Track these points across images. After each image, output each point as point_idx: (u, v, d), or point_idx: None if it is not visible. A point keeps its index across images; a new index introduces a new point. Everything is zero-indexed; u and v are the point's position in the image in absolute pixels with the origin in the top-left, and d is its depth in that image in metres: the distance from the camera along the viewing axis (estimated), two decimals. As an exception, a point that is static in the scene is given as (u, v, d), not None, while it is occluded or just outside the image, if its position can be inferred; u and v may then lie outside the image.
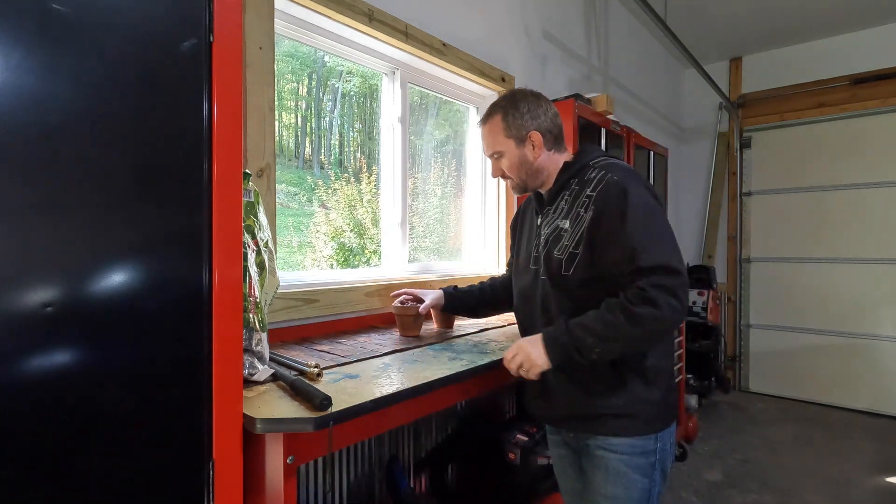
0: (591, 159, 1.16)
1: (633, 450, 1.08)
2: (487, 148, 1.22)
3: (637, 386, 1.08)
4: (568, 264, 1.08)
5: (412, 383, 1.00)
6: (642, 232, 1.00)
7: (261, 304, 1.02)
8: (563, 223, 1.12)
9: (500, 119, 1.18)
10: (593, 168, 1.12)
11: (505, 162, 1.19)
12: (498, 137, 1.18)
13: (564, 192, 1.15)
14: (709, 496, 2.46)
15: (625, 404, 1.08)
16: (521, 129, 1.17)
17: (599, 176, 1.09)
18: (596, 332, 0.99)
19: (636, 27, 3.64)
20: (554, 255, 1.11)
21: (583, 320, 1.02)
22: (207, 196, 0.78)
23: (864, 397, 3.76)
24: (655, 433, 1.10)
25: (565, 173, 1.17)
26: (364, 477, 1.44)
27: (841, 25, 3.73)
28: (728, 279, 4.38)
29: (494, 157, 1.21)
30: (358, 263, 1.98)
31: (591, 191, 1.08)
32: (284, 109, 1.86)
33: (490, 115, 1.20)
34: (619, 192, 1.03)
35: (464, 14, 2.10)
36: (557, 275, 1.10)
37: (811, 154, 4.00)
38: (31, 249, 0.62)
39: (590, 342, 0.99)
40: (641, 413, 1.08)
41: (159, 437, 0.74)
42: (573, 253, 1.08)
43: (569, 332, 1.02)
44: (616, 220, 1.02)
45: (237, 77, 0.81)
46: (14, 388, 0.61)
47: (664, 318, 0.96)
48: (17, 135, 0.61)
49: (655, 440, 1.10)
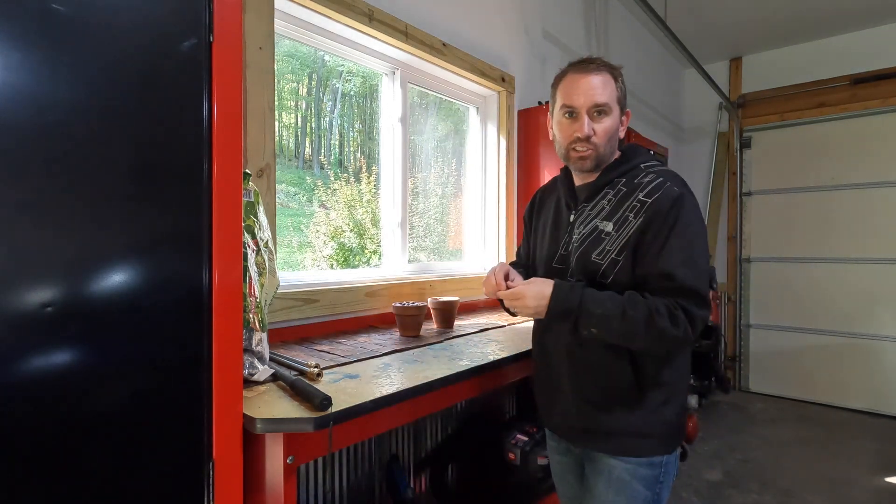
0: (643, 161, 1.08)
1: (640, 461, 1.03)
2: (595, 97, 1.03)
3: (655, 403, 1.02)
4: (608, 271, 1.01)
5: (412, 383, 1.00)
6: (687, 251, 0.95)
7: (261, 304, 1.02)
8: (604, 225, 1.03)
9: (612, 78, 1.06)
10: (647, 172, 1.04)
11: (606, 123, 1.04)
12: (611, 91, 1.05)
13: (608, 191, 1.07)
14: (709, 496, 2.46)
15: (643, 423, 1.02)
16: (625, 98, 1.08)
17: (657, 183, 1.01)
18: (607, 314, 0.93)
19: (636, 27, 3.64)
20: (592, 258, 1.03)
21: (600, 296, 0.95)
22: (207, 196, 0.78)
23: (864, 397, 3.76)
24: (667, 453, 1.05)
25: (612, 170, 1.08)
26: (364, 477, 1.44)
27: (841, 25, 3.73)
28: (728, 279, 4.38)
29: (597, 112, 1.04)
30: (358, 263, 1.98)
31: (644, 195, 1.00)
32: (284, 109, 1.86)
33: (600, 66, 1.06)
34: (676, 203, 0.97)
35: (464, 14, 2.10)
36: (594, 280, 1.02)
37: (811, 154, 4.00)
38: (32, 249, 0.62)
39: (594, 320, 0.94)
40: (658, 433, 1.03)
41: (159, 437, 0.74)
42: (615, 260, 1.00)
43: (581, 300, 0.95)
44: (665, 230, 0.96)
45: (237, 77, 0.81)
46: (14, 388, 0.61)
47: (674, 340, 0.93)
48: (18, 134, 0.61)
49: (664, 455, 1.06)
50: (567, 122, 1.06)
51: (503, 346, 1.39)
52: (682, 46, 2.89)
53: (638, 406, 1.02)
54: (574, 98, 1.04)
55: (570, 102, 1.05)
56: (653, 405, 1.02)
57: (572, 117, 1.05)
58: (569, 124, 1.06)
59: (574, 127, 1.05)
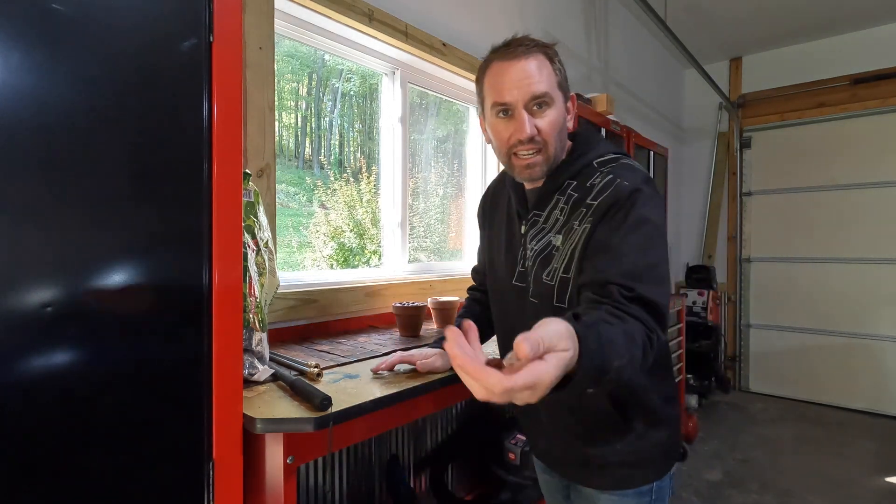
0: (598, 156, 0.90)
1: (628, 492, 0.93)
2: (531, 87, 0.83)
3: (643, 428, 0.91)
4: (561, 293, 0.85)
5: (412, 383, 1.00)
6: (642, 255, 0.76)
7: (261, 304, 1.02)
8: (556, 239, 0.88)
9: (546, 60, 0.86)
10: (598, 172, 0.87)
11: (551, 116, 0.86)
12: (548, 78, 0.85)
13: (559, 197, 0.90)
14: (709, 496, 2.46)
15: (630, 451, 0.90)
16: (567, 81, 0.90)
17: (606, 181, 0.84)
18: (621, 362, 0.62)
19: (636, 27, 3.64)
20: (543, 280, 0.88)
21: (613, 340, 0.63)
22: (207, 196, 0.78)
23: (864, 397, 3.76)
24: (660, 478, 0.94)
25: (562, 172, 0.90)
26: (364, 477, 1.44)
27: (841, 25, 3.73)
28: (728, 279, 4.38)
29: (537, 105, 0.85)
30: (358, 264, 1.98)
31: (591, 199, 0.84)
32: (284, 109, 1.86)
33: (530, 49, 0.86)
34: (629, 198, 0.80)
35: (464, 14, 2.10)
36: (550, 305, 0.86)
37: (811, 154, 4.00)
38: (31, 249, 0.62)
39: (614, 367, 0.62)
40: (648, 459, 0.92)
41: (159, 437, 0.74)
42: (564, 278, 0.85)
43: (605, 357, 0.60)
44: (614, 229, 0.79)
45: (237, 77, 0.81)
46: (14, 388, 0.61)
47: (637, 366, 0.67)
48: (17, 134, 0.61)
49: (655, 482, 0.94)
50: (503, 124, 0.88)
51: (503, 346, 1.39)
52: (682, 46, 2.89)
53: (623, 434, 0.91)
54: (506, 92, 0.85)
55: (502, 98, 0.85)
56: (639, 430, 0.91)
57: (507, 116, 0.87)
58: (504, 125, 0.87)
59: (512, 127, 0.86)
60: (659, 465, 0.94)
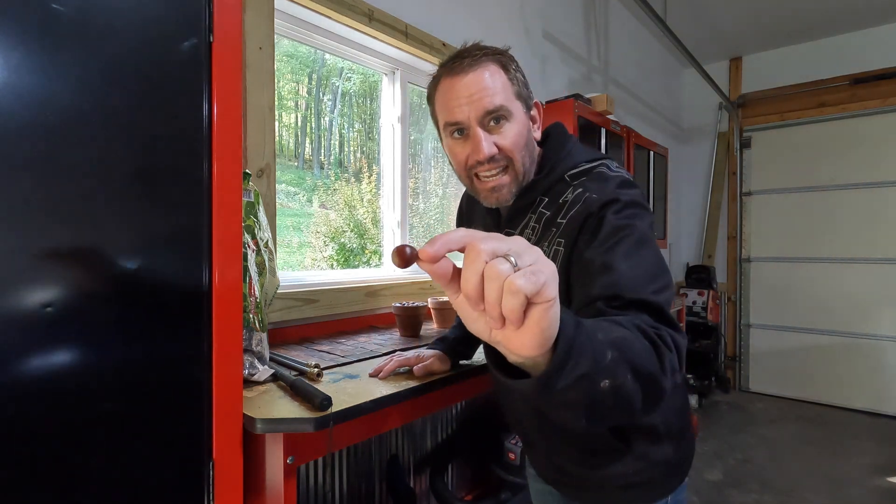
0: (569, 168, 0.81)
1: None
2: (483, 103, 0.75)
3: (645, 444, 0.81)
4: None
5: (412, 383, 1.00)
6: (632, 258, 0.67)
7: (261, 304, 1.02)
8: None
9: (500, 69, 0.77)
10: (570, 186, 0.79)
11: (512, 130, 0.77)
12: (503, 90, 0.77)
13: (530, 215, 0.82)
14: (709, 496, 2.46)
15: (635, 471, 0.81)
16: (527, 89, 0.81)
17: (576, 195, 0.76)
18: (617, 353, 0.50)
19: (636, 27, 3.64)
20: None
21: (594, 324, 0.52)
22: (207, 196, 0.78)
23: (864, 397, 3.76)
24: (670, 494, 0.85)
25: (532, 189, 0.82)
26: (364, 477, 1.44)
27: (841, 25, 3.73)
28: (728, 279, 4.38)
29: (493, 121, 0.77)
30: (358, 264, 1.98)
31: (561, 217, 0.77)
32: (284, 109, 1.86)
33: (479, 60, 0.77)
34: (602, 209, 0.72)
35: (464, 14, 2.10)
36: None
37: (811, 154, 4.00)
38: (31, 249, 0.62)
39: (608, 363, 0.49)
40: (656, 478, 0.83)
41: (159, 437, 0.74)
42: None
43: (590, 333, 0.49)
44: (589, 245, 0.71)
45: (237, 77, 0.81)
46: (14, 388, 0.61)
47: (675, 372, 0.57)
48: (17, 135, 0.61)
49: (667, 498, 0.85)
50: (458, 145, 0.80)
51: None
52: (682, 46, 2.89)
53: (624, 453, 0.81)
54: (456, 110, 0.76)
55: (454, 117, 0.77)
56: (638, 450, 0.81)
57: (463, 136, 0.79)
58: (461, 147, 0.79)
59: (469, 148, 0.78)
60: (666, 482, 0.84)
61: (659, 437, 0.82)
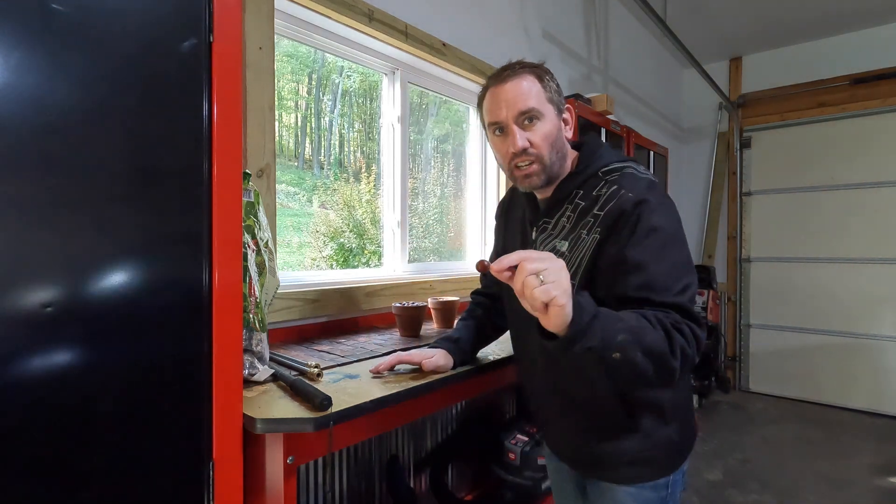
0: (603, 165, 0.95)
1: (643, 485, 0.96)
2: (517, 104, 0.91)
3: (652, 425, 0.93)
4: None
5: (412, 383, 1.00)
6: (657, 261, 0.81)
7: (261, 304, 1.02)
8: (561, 245, 0.93)
9: (535, 79, 0.94)
10: (605, 181, 0.92)
11: (543, 128, 0.92)
12: (536, 95, 0.92)
13: (566, 206, 0.96)
14: (709, 496, 2.46)
15: (641, 449, 0.93)
16: (560, 96, 0.97)
17: (611, 192, 0.89)
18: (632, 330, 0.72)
19: (636, 27, 3.64)
20: None
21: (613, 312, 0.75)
22: (207, 196, 0.78)
23: (864, 397, 3.76)
24: (672, 473, 0.97)
25: (569, 182, 0.96)
26: (364, 477, 1.44)
27: (841, 25, 3.73)
28: (728, 279, 4.38)
29: (527, 120, 0.92)
30: (358, 264, 1.98)
31: (598, 209, 0.89)
32: (284, 109, 1.86)
33: (517, 72, 0.94)
34: (635, 209, 0.84)
35: (464, 14, 2.10)
36: None
37: (811, 154, 4.00)
38: (32, 249, 0.62)
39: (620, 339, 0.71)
40: (660, 456, 0.95)
41: (159, 437, 0.74)
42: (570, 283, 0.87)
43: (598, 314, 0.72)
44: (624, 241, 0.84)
45: (237, 77, 0.81)
46: (14, 388, 0.61)
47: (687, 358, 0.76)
48: (17, 134, 0.61)
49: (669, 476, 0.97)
50: (500, 141, 0.96)
51: (503, 346, 1.39)
52: (682, 46, 2.89)
53: (632, 432, 0.93)
54: (497, 112, 0.94)
55: (495, 118, 0.94)
56: (648, 429, 0.93)
57: (503, 133, 0.95)
58: (502, 142, 0.96)
59: (507, 143, 0.94)
60: (667, 462, 0.96)
61: (665, 418, 0.94)
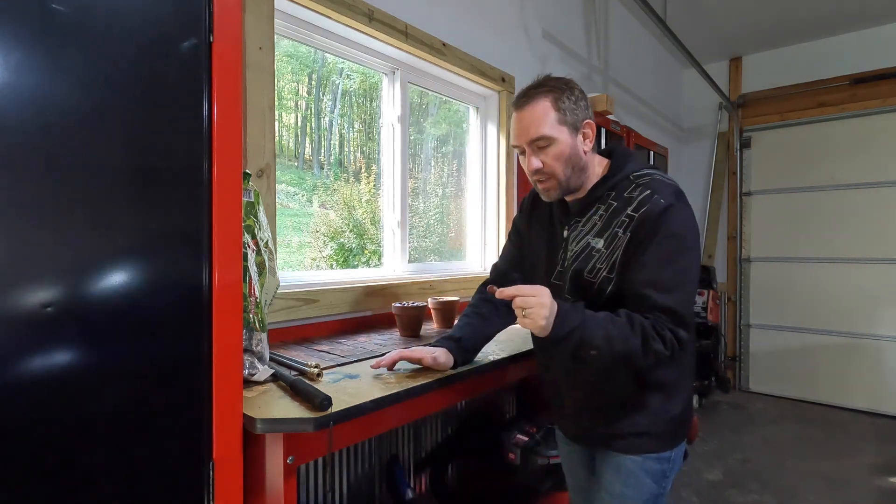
0: (634, 170, 1.05)
1: (648, 456, 1.07)
2: (529, 133, 1.02)
3: (657, 403, 1.05)
4: (603, 288, 1.01)
5: (412, 383, 1.00)
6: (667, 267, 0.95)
7: (261, 304, 1.02)
8: (595, 242, 1.03)
9: (550, 102, 1.01)
10: (636, 184, 1.02)
11: (553, 151, 1.01)
12: (547, 121, 1.01)
13: (598, 206, 1.05)
14: (709, 496, 2.46)
15: (647, 423, 1.05)
16: (576, 115, 1.03)
17: (645, 196, 0.99)
18: (608, 339, 0.92)
19: (636, 27, 3.64)
20: (584, 276, 1.03)
21: (603, 321, 0.93)
22: (207, 196, 0.78)
23: (864, 397, 3.76)
24: (673, 448, 1.08)
25: (601, 186, 1.06)
26: (364, 477, 1.44)
27: (841, 25, 3.73)
28: (728, 279, 4.38)
29: (538, 146, 1.02)
30: (358, 264, 1.98)
31: (632, 210, 0.99)
32: (284, 109, 1.86)
33: (533, 98, 1.02)
34: (662, 215, 0.96)
35: (464, 14, 2.10)
36: (588, 298, 1.03)
37: (811, 154, 4.00)
38: (31, 249, 0.62)
39: (597, 343, 0.92)
40: (662, 431, 1.06)
41: (159, 437, 0.74)
42: (607, 277, 1.01)
43: (583, 325, 0.92)
44: (645, 244, 0.96)
45: (237, 77, 0.81)
46: (14, 388, 0.61)
47: (660, 358, 0.94)
48: (17, 134, 0.61)
49: (671, 450, 1.09)
50: (522, 159, 1.08)
51: (503, 346, 1.39)
52: (682, 46, 2.89)
53: (641, 408, 1.05)
54: (515, 137, 1.06)
55: (514, 142, 1.07)
56: (655, 405, 1.05)
57: (524, 154, 1.07)
58: (524, 161, 1.07)
59: (526, 163, 1.07)
60: (671, 437, 1.08)
61: (670, 393, 1.06)
